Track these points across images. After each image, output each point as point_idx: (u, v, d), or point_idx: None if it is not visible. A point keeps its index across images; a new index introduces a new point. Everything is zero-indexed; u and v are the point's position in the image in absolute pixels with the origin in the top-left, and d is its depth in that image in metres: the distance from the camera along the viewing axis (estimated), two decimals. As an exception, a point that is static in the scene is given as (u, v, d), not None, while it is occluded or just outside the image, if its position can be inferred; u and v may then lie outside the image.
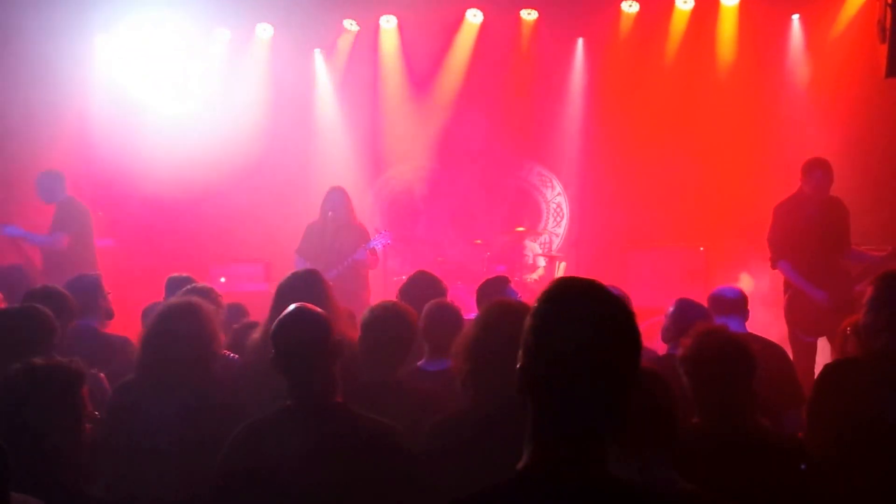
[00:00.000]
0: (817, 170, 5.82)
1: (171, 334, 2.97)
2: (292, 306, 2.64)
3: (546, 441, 1.52)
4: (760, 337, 4.21)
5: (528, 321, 1.55)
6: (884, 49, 5.20)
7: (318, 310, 2.64)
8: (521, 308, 2.79)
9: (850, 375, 3.02)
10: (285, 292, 3.48)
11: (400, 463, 2.46)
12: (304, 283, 3.58)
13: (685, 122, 8.63)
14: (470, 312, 4.02)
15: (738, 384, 2.57)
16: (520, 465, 1.54)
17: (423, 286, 4.40)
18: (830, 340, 5.63)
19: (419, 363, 3.68)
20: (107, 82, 9.22)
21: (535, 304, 1.56)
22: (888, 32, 5.16)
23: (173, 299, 3.28)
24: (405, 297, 4.22)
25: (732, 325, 3.88)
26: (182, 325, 2.98)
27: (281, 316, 2.63)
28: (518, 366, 1.56)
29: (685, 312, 3.92)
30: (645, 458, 2.10)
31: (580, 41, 9.18)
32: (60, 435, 2.28)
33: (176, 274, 4.75)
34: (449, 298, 4.33)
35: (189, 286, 4.21)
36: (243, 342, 3.68)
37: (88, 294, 4.24)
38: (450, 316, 3.72)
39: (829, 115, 7.90)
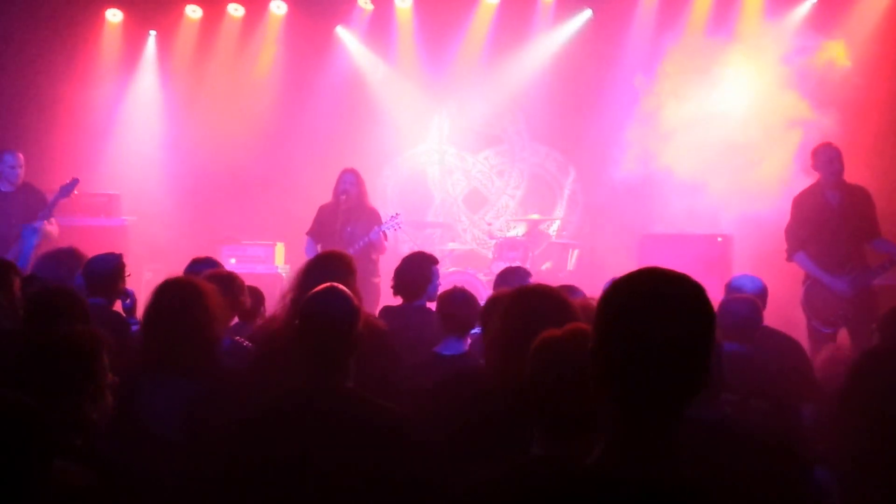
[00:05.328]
0: (823, 149, 5.72)
1: (164, 313, 2.84)
2: (326, 284, 2.58)
3: (621, 435, 1.49)
4: (776, 330, 4.14)
5: (602, 308, 1.53)
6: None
7: (350, 293, 2.58)
8: (555, 294, 2.67)
9: (888, 365, 2.95)
10: (313, 272, 3.43)
11: (408, 451, 2.41)
12: (335, 265, 3.55)
13: (699, 105, 8.42)
14: (479, 299, 3.96)
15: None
16: (592, 457, 1.50)
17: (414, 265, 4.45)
18: (850, 331, 5.53)
19: (435, 348, 3.65)
20: (120, 62, 9.20)
21: (611, 293, 1.53)
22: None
23: (169, 277, 3.14)
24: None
25: None
26: (175, 303, 2.85)
27: (313, 291, 2.58)
28: (590, 347, 1.53)
29: None
30: None
31: (586, 12, 9.01)
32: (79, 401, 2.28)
33: (199, 257, 4.59)
34: (460, 284, 4.28)
35: (208, 271, 4.09)
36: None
37: (109, 274, 4.16)
38: (465, 299, 3.71)
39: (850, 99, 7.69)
